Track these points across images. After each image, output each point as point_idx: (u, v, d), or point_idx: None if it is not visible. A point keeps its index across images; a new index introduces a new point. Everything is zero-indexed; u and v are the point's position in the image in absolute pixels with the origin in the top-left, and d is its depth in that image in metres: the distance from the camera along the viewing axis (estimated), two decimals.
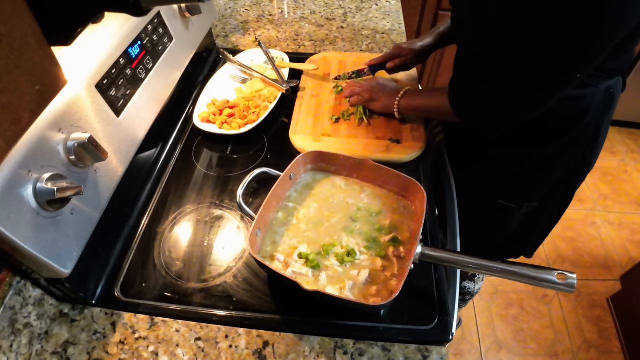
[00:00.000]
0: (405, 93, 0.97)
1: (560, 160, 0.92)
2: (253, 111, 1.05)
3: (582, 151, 0.91)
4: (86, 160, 0.64)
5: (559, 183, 0.96)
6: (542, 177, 0.96)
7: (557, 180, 0.96)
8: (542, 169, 0.94)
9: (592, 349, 1.69)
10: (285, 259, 0.73)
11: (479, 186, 1.03)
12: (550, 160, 0.92)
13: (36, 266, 0.62)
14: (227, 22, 1.48)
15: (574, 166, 0.93)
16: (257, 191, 0.89)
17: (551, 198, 1.00)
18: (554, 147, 0.89)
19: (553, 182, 0.96)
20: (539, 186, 0.98)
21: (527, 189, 1.00)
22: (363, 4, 1.56)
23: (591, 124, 0.85)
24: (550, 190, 0.98)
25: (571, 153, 0.90)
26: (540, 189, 0.98)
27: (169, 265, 0.79)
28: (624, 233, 2.07)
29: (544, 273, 0.64)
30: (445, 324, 0.71)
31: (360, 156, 0.85)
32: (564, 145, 0.89)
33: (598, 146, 0.92)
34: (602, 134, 0.89)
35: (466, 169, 1.01)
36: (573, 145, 0.89)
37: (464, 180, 0.99)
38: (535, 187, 0.98)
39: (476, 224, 0.93)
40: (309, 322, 0.72)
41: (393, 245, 0.75)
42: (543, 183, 0.97)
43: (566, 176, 0.95)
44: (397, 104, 0.97)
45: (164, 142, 1.01)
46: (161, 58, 0.92)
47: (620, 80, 0.86)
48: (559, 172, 0.94)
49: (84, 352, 0.68)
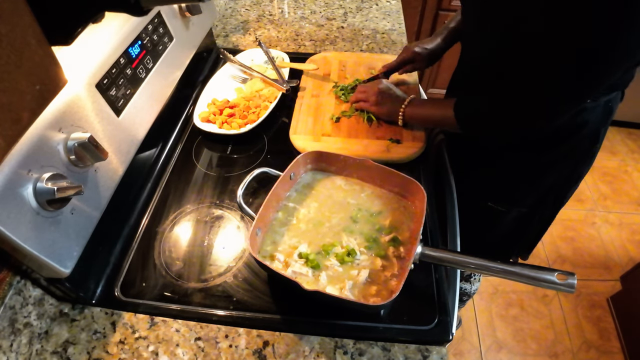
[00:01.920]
0: (411, 101, 0.96)
1: (554, 169, 0.92)
2: (253, 111, 1.05)
3: (577, 161, 0.91)
4: (86, 160, 0.64)
5: (550, 190, 0.97)
6: (534, 184, 0.96)
7: (549, 187, 0.96)
8: (535, 176, 0.95)
9: (592, 349, 1.69)
10: (285, 258, 0.73)
11: (472, 188, 1.03)
12: (544, 168, 0.92)
13: (36, 266, 0.62)
14: (228, 22, 1.47)
15: (567, 174, 0.94)
16: (257, 191, 0.89)
17: (542, 204, 1.00)
18: (549, 156, 0.90)
19: (545, 189, 0.97)
20: (530, 192, 0.98)
21: (519, 195, 1.00)
22: (363, 4, 1.56)
23: (588, 135, 0.86)
24: (541, 197, 0.98)
25: (566, 162, 0.91)
26: (532, 195, 0.99)
27: (169, 265, 0.79)
28: (624, 233, 2.07)
29: (544, 273, 0.64)
30: (445, 324, 0.71)
31: (361, 156, 0.85)
32: (559, 155, 0.89)
33: (593, 156, 0.92)
34: (598, 144, 0.90)
35: (460, 171, 1.01)
36: (569, 155, 0.89)
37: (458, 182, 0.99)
38: (527, 193, 0.99)
39: (467, 225, 0.93)
40: (309, 322, 0.72)
41: (393, 245, 0.75)
42: (535, 189, 0.97)
43: (558, 184, 0.96)
44: (402, 112, 0.96)
45: (164, 142, 1.01)
46: (161, 58, 0.92)
47: (619, 93, 0.86)
48: (551, 180, 0.95)
49: (84, 352, 0.68)
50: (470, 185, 1.02)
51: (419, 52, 1.04)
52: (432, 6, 2.06)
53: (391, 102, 0.98)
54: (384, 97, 0.99)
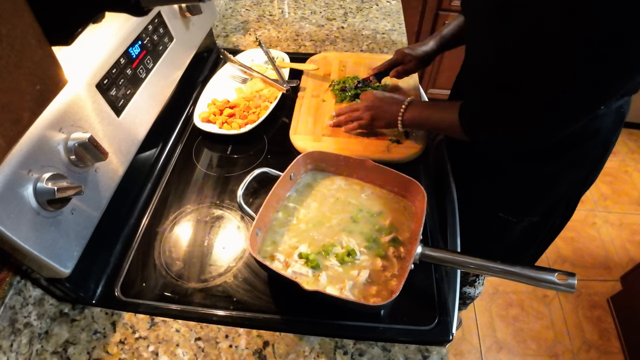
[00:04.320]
0: (409, 105, 0.91)
1: (566, 177, 0.89)
2: (253, 111, 1.05)
3: (588, 169, 0.89)
4: (86, 160, 0.64)
5: (562, 198, 0.94)
6: (546, 193, 0.93)
7: (560, 195, 0.93)
8: (546, 185, 0.92)
9: (592, 349, 1.69)
10: (285, 259, 0.73)
11: (481, 199, 1.01)
12: (555, 176, 0.89)
13: (36, 266, 0.62)
14: (228, 22, 1.47)
15: (579, 181, 0.91)
16: (258, 191, 0.89)
17: (553, 212, 0.97)
18: (560, 164, 0.87)
19: (556, 198, 0.94)
20: (541, 201, 0.95)
21: (530, 204, 0.97)
22: (363, 4, 1.56)
23: (600, 143, 0.83)
24: (552, 205, 0.96)
25: (578, 170, 0.88)
26: (543, 204, 0.96)
27: (169, 265, 0.79)
28: (624, 233, 2.07)
29: (544, 273, 0.64)
30: (445, 324, 0.71)
31: (361, 156, 0.85)
32: (570, 163, 0.86)
33: (604, 162, 0.90)
34: (609, 151, 0.87)
35: (469, 182, 0.98)
36: (580, 163, 0.87)
37: (466, 192, 0.96)
38: (538, 202, 0.96)
39: (475, 235, 0.90)
40: (309, 322, 0.72)
41: (393, 246, 0.75)
42: (546, 198, 0.94)
43: (570, 192, 0.93)
44: (401, 117, 0.91)
45: (164, 142, 1.01)
46: (161, 58, 0.92)
47: (630, 98, 0.83)
48: (563, 188, 0.92)
49: (84, 352, 0.68)
50: (479, 195, 1.00)
51: (408, 53, 1.03)
52: (432, 6, 2.06)
53: (387, 111, 0.93)
54: (379, 108, 0.94)
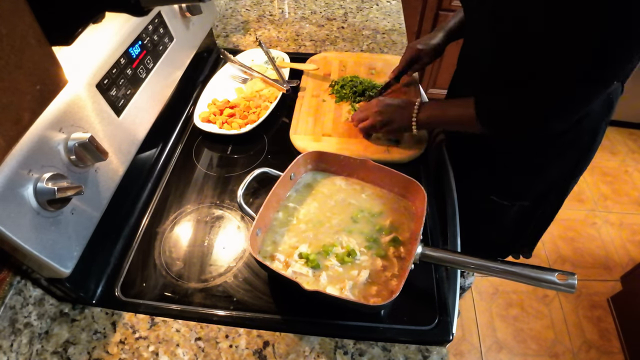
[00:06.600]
0: (421, 106, 0.90)
1: (556, 163, 0.92)
2: (253, 111, 1.05)
3: (578, 154, 0.91)
4: (87, 160, 0.64)
5: (552, 184, 0.97)
6: (537, 178, 0.97)
7: (551, 181, 0.97)
8: (537, 170, 0.95)
9: (592, 349, 1.69)
10: (285, 259, 0.73)
11: (474, 182, 1.03)
12: (546, 162, 0.93)
13: (36, 266, 0.62)
14: (228, 22, 1.47)
15: (569, 168, 0.94)
16: (258, 191, 0.89)
17: (544, 198, 1.00)
18: (550, 149, 0.90)
19: (547, 183, 0.97)
20: (533, 186, 0.99)
21: (521, 188, 1.00)
22: (363, 4, 1.56)
23: (589, 128, 0.86)
24: (543, 191, 0.99)
25: (567, 156, 0.91)
26: (534, 189, 0.99)
27: (169, 265, 0.79)
28: (625, 233, 2.07)
29: (545, 273, 0.64)
30: (446, 324, 0.71)
31: (361, 156, 0.85)
32: (560, 148, 0.89)
33: (594, 149, 0.92)
34: (599, 137, 0.90)
35: (462, 170, 1.01)
36: (570, 148, 0.89)
37: (460, 175, 0.99)
38: (529, 187, 0.99)
39: (469, 219, 0.92)
40: (309, 322, 0.72)
41: (393, 246, 0.75)
42: (537, 183, 0.98)
43: (560, 178, 0.96)
44: (415, 119, 0.90)
45: (164, 142, 1.01)
46: (162, 58, 0.92)
47: (620, 85, 0.86)
48: (554, 174, 0.95)
49: (84, 352, 0.68)
50: (472, 181, 1.02)
51: (422, 48, 1.03)
52: (432, 6, 2.05)
53: (400, 113, 0.93)
54: (391, 110, 0.94)
